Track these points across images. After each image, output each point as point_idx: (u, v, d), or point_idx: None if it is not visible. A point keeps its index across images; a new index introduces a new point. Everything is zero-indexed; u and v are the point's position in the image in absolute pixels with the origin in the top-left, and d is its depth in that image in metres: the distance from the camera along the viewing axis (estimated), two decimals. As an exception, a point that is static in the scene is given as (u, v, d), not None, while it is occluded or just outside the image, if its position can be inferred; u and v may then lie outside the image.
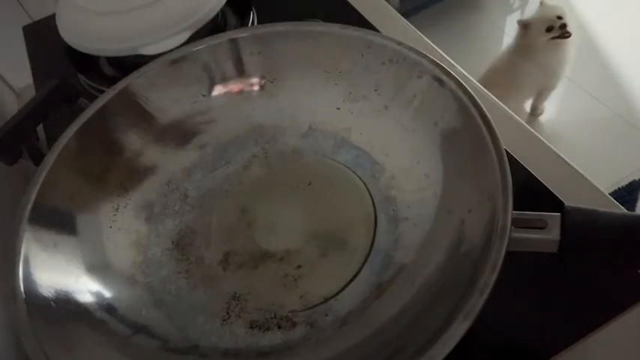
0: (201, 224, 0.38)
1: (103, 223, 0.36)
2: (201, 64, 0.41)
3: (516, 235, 0.27)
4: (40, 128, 0.42)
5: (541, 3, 1.18)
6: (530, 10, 1.26)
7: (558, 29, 1.15)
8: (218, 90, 0.42)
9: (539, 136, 0.45)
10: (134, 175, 0.39)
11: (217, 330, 0.33)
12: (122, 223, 0.37)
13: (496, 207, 0.27)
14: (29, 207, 0.32)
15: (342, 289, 0.34)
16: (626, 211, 0.32)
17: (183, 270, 0.36)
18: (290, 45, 0.40)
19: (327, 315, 0.32)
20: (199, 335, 0.33)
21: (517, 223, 0.28)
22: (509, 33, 1.62)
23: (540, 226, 0.28)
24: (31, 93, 0.61)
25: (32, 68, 0.63)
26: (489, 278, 0.24)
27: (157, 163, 0.40)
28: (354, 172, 0.39)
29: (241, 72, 0.42)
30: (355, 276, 0.34)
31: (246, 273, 0.35)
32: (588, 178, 0.41)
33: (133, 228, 0.37)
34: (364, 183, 0.38)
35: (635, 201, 1.17)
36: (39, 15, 0.73)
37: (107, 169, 0.38)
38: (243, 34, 0.41)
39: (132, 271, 0.35)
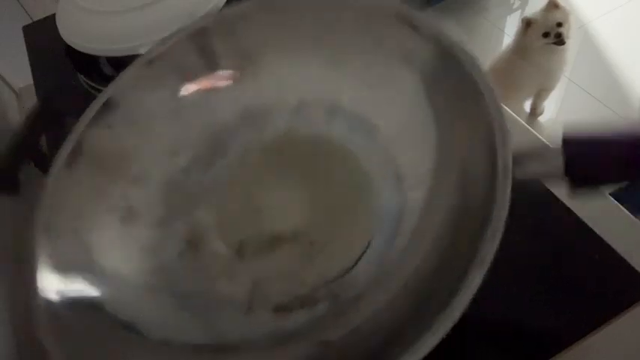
0: (210, 219, 0.38)
1: (113, 236, 0.36)
2: (175, 60, 0.40)
3: (519, 170, 0.27)
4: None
5: (548, 3, 1.18)
6: (530, 11, 1.26)
7: (554, 37, 1.15)
8: (198, 83, 0.41)
9: (540, 136, 0.45)
10: (135, 183, 0.38)
11: (244, 320, 0.33)
12: (132, 232, 0.37)
13: (495, 146, 0.27)
14: (40, 230, 0.32)
15: (358, 258, 0.33)
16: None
17: (202, 267, 0.36)
18: (261, 21, 0.39)
19: (347, 286, 0.32)
20: (228, 329, 0.32)
21: (518, 159, 0.27)
22: (509, 33, 1.61)
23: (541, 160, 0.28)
24: (31, 93, 0.61)
25: (32, 68, 0.63)
26: (499, 221, 0.24)
27: (154, 167, 0.39)
28: (351, 139, 0.38)
29: (218, 59, 0.41)
30: (368, 243, 0.34)
31: (262, 259, 0.36)
32: (588, 178, 0.41)
33: (143, 236, 0.37)
34: (363, 149, 0.38)
35: (635, 201, 1.17)
36: (39, 15, 0.73)
37: (108, 182, 0.37)
38: (210, 21, 0.40)
39: (149, 279, 0.35)
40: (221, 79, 0.41)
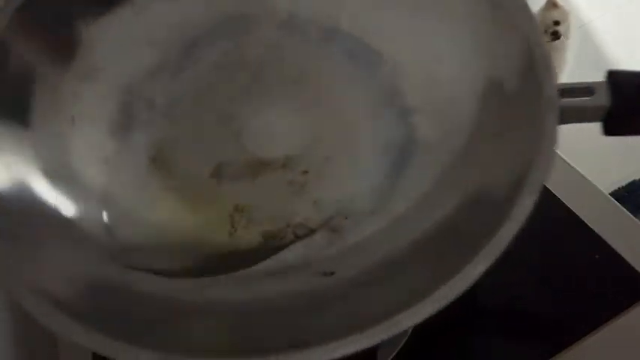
0: (179, 137, 0.34)
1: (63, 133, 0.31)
2: None
3: (564, 106, 0.25)
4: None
5: (547, 3, 1.19)
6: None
7: (550, 35, 1.16)
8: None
9: (539, 136, 0.44)
10: (85, 82, 0.33)
11: (227, 244, 0.30)
12: (84, 137, 0.32)
13: (540, 79, 0.25)
14: None
15: (357, 189, 0.31)
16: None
17: (171, 189, 0.32)
18: None
19: (346, 218, 0.30)
20: (211, 262, 0.30)
21: (562, 94, 0.26)
22: (509, 33, 1.61)
23: (586, 95, 0.27)
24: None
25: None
26: (549, 155, 0.23)
27: (109, 64, 0.33)
28: (350, 64, 0.34)
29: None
30: (366, 174, 0.32)
31: (245, 184, 0.32)
32: (588, 178, 0.41)
33: (97, 143, 0.32)
34: (363, 75, 0.34)
35: (635, 201, 1.17)
36: (39, 15, 0.73)
37: (58, 75, 0.32)
38: None
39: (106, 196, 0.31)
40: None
